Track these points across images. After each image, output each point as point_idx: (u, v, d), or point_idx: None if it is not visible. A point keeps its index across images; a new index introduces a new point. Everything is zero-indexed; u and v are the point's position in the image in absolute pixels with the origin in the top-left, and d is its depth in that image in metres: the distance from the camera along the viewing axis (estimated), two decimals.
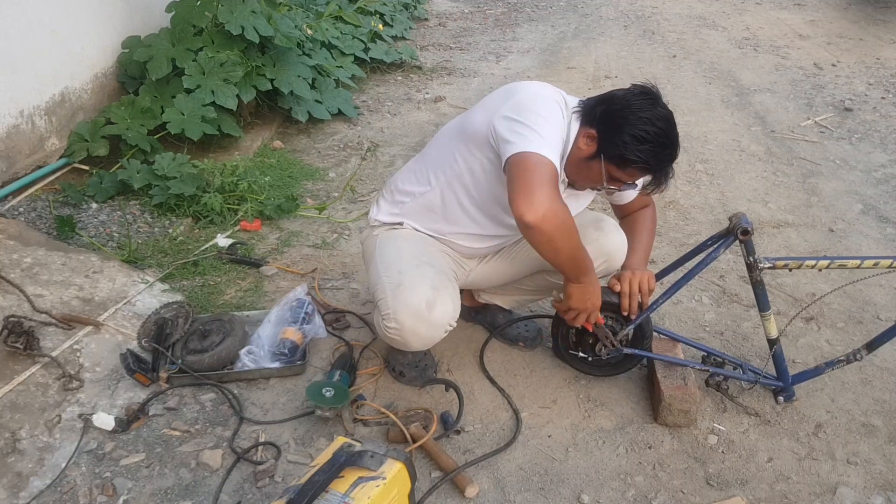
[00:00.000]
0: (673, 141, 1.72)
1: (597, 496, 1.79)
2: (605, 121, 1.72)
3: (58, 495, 1.74)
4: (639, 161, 1.70)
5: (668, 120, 1.71)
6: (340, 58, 4.70)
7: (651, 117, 1.68)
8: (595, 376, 2.18)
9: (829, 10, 7.29)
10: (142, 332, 2.21)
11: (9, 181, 2.96)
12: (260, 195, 3.12)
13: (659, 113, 1.70)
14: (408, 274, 1.82)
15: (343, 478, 1.45)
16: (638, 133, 1.67)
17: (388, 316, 1.80)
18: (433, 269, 1.87)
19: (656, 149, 1.69)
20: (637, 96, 1.72)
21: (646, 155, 1.69)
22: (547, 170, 1.59)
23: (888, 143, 4.09)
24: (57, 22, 3.13)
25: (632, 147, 1.68)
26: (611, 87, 4.47)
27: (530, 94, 1.75)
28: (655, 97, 1.74)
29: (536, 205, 1.55)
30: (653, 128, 1.67)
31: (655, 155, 1.70)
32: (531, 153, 1.59)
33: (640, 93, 1.73)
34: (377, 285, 1.88)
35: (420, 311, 1.78)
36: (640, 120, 1.67)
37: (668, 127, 1.70)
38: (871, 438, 2.01)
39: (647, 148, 1.68)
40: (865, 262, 1.83)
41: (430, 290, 1.79)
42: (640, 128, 1.67)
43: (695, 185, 3.53)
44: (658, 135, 1.68)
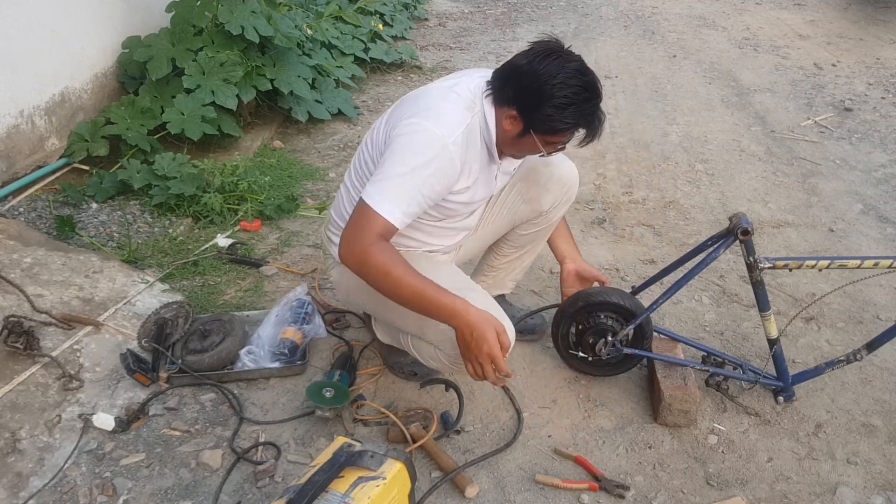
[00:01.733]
0: (593, 91, 1.66)
1: (597, 496, 1.79)
2: (521, 98, 1.67)
3: (58, 495, 1.74)
4: (569, 125, 1.68)
5: (580, 72, 1.65)
6: (340, 58, 4.70)
7: (564, 79, 1.62)
8: (595, 376, 2.18)
9: (829, 10, 7.29)
10: (142, 332, 2.21)
11: (9, 181, 2.96)
12: (260, 195, 3.12)
13: (569, 70, 1.64)
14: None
15: (343, 478, 1.45)
16: (557, 102, 1.63)
17: (458, 359, 1.69)
18: (474, 289, 1.84)
19: (580, 107, 1.65)
20: (542, 60, 1.64)
21: (573, 117, 1.66)
22: (376, 228, 1.58)
23: (888, 143, 4.09)
24: (57, 22, 3.13)
25: (556, 117, 1.65)
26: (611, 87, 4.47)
27: (409, 137, 1.64)
28: (559, 53, 1.66)
29: (354, 254, 1.59)
30: (570, 90, 1.63)
31: (581, 113, 1.66)
32: (367, 205, 1.59)
33: (544, 54, 1.65)
34: (427, 330, 1.77)
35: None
36: (555, 87, 1.62)
37: (583, 80, 1.64)
38: (871, 438, 2.01)
39: (572, 111, 1.65)
40: (865, 263, 1.83)
41: (501, 321, 1.66)
42: (558, 96, 1.62)
43: (695, 185, 3.53)
44: (577, 94, 1.63)
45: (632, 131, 4.14)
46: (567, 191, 2.10)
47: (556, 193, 2.07)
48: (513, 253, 2.24)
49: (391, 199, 1.59)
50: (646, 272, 2.73)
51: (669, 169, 3.69)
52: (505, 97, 1.70)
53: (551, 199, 2.08)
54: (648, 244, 2.98)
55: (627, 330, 2.02)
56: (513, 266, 2.28)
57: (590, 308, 2.06)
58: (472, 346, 1.60)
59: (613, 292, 2.07)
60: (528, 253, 2.26)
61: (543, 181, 2.05)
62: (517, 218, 2.12)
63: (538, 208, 2.09)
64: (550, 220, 2.14)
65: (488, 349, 1.59)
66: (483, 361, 1.61)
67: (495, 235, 2.20)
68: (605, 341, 2.03)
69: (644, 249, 2.94)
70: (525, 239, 2.19)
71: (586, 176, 3.57)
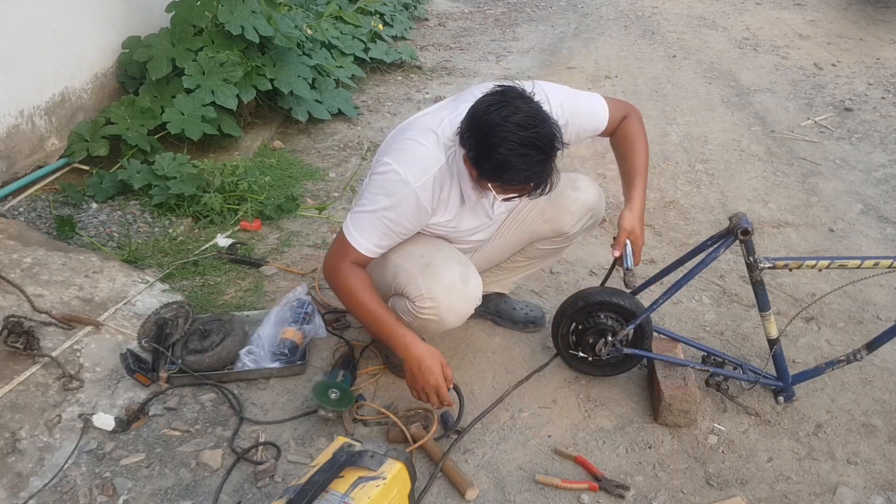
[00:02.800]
0: (539, 145, 1.56)
1: (597, 496, 1.79)
2: (471, 144, 1.63)
3: (58, 495, 1.74)
4: (507, 181, 1.62)
5: (523, 126, 1.55)
6: (340, 58, 4.70)
7: (505, 134, 1.54)
8: (595, 376, 2.18)
9: (829, 9, 7.29)
10: (142, 332, 2.21)
11: (9, 181, 2.96)
12: (260, 195, 3.12)
13: (511, 124, 1.54)
14: (434, 256, 1.86)
15: (343, 478, 1.45)
16: (496, 159, 1.57)
17: (422, 296, 1.80)
18: (453, 250, 1.93)
19: (519, 164, 1.57)
20: (490, 108, 1.57)
21: (512, 174, 1.59)
22: (345, 251, 1.78)
23: (888, 143, 4.09)
24: (57, 22, 3.13)
25: (499, 174, 1.61)
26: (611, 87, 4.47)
27: (382, 180, 1.74)
28: (508, 102, 1.57)
29: (331, 273, 1.82)
30: (506, 146, 1.55)
31: (520, 170, 1.58)
32: (350, 235, 1.77)
33: (494, 102, 1.59)
34: (399, 274, 1.87)
35: (455, 285, 1.81)
36: (494, 141, 1.56)
37: (523, 136, 1.54)
38: (871, 438, 2.01)
39: (511, 168, 1.58)
40: (865, 263, 1.83)
41: (460, 266, 1.85)
42: (496, 151, 1.56)
43: (695, 185, 3.53)
44: (514, 149, 1.55)
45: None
46: (591, 216, 2.10)
47: (579, 217, 2.07)
48: (524, 262, 2.26)
49: (363, 233, 1.77)
50: (646, 272, 2.72)
51: (669, 169, 3.69)
52: (463, 139, 1.67)
53: (572, 222, 2.08)
54: (648, 244, 2.98)
55: (627, 330, 2.02)
56: (519, 272, 2.31)
57: (590, 308, 2.06)
58: (418, 378, 1.80)
59: (613, 292, 2.07)
60: (538, 264, 2.29)
61: (567, 204, 2.05)
62: (535, 235, 2.13)
63: (558, 229, 2.10)
64: (570, 240, 2.16)
65: (434, 381, 1.79)
66: (429, 392, 1.81)
67: (512, 249, 2.20)
68: (605, 341, 2.03)
69: (644, 249, 2.92)
70: (540, 253, 2.21)
71: (587, 173, 3.57)
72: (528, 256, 2.23)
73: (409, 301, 1.85)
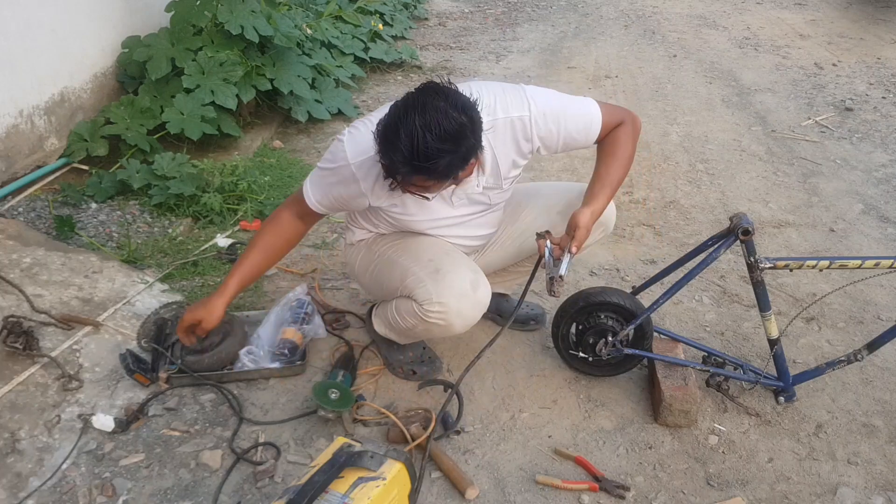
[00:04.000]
0: (388, 147, 1.55)
1: (597, 497, 1.79)
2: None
3: (57, 496, 1.74)
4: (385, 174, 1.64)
5: (388, 126, 1.56)
6: (340, 57, 4.69)
7: (382, 129, 1.57)
8: (595, 376, 2.17)
9: (830, 9, 7.29)
10: (141, 332, 2.21)
11: (8, 181, 2.95)
12: (260, 195, 3.12)
13: (387, 121, 1.57)
14: (443, 261, 1.86)
15: (343, 478, 1.45)
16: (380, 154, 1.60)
17: (431, 300, 1.81)
18: (461, 255, 1.93)
19: (386, 166, 1.60)
20: (396, 107, 1.58)
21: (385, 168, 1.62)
22: (296, 196, 1.91)
23: (889, 143, 4.09)
24: (56, 21, 3.13)
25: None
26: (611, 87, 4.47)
27: (336, 140, 1.81)
28: (401, 104, 1.57)
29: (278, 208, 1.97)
30: (378, 144, 1.59)
31: (389, 171, 1.61)
32: (305, 183, 1.88)
33: (401, 101, 1.59)
34: (407, 277, 1.87)
35: (465, 292, 1.82)
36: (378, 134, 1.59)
37: (386, 133, 1.56)
38: (872, 439, 2.00)
39: (384, 163, 1.60)
40: (866, 263, 1.83)
41: (470, 272, 1.86)
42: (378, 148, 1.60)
43: (695, 185, 3.53)
44: (381, 149, 1.58)
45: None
46: (602, 231, 2.08)
47: (596, 231, 2.01)
48: (529, 268, 2.20)
49: (312, 184, 1.86)
50: (646, 272, 2.72)
51: (670, 169, 3.69)
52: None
53: None
54: (649, 244, 2.98)
55: (628, 330, 2.02)
56: (524, 276, 2.26)
57: (590, 308, 2.06)
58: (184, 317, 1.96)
59: (613, 292, 2.06)
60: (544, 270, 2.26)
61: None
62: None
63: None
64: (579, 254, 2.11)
65: (183, 321, 1.95)
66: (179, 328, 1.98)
67: (519, 257, 2.18)
68: (606, 341, 2.02)
69: (644, 249, 2.94)
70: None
71: (587, 176, 3.56)
72: (535, 262, 2.20)
73: (416, 304, 1.85)
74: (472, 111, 1.59)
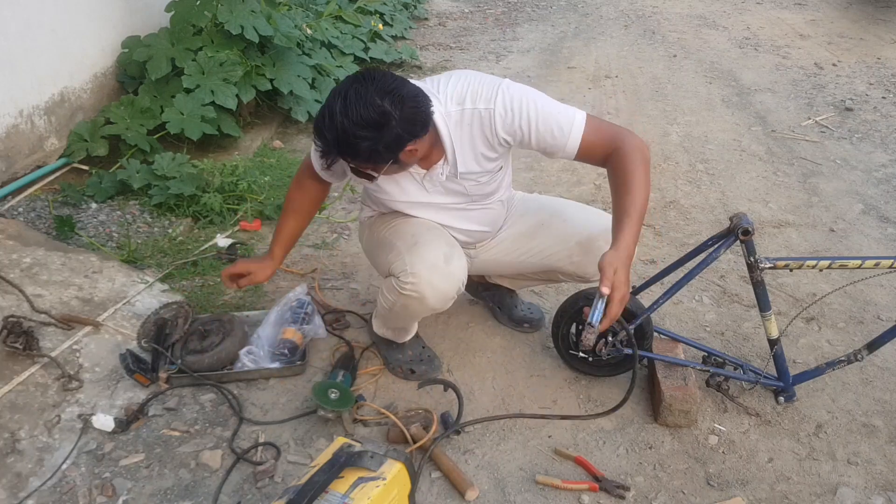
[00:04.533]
0: (321, 124, 1.63)
1: (597, 497, 1.79)
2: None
3: (57, 496, 1.74)
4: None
5: (320, 110, 1.65)
6: (340, 57, 4.69)
7: (318, 113, 1.67)
8: (595, 376, 2.17)
9: (830, 9, 7.29)
10: (141, 332, 2.21)
11: (8, 181, 2.95)
12: (260, 195, 3.12)
13: (322, 105, 1.66)
14: (423, 235, 1.89)
15: (343, 478, 1.45)
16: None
17: (405, 272, 1.82)
18: (443, 233, 1.95)
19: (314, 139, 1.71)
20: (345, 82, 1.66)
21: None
22: (307, 161, 2.04)
23: (889, 143, 4.09)
24: (56, 22, 3.13)
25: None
26: (611, 87, 4.47)
27: None
28: (333, 90, 1.65)
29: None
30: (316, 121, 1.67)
31: (316, 142, 1.70)
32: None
33: (350, 79, 1.66)
34: (391, 252, 1.90)
35: (437, 264, 1.82)
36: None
37: (317, 117, 1.65)
38: (872, 439, 2.00)
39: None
40: (866, 263, 1.83)
41: (445, 246, 1.87)
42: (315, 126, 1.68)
43: (695, 185, 3.53)
44: (314, 125, 1.68)
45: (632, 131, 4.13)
46: None
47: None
48: (541, 279, 2.26)
49: (313, 152, 1.95)
50: (646, 272, 2.72)
51: (670, 169, 3.69)
52: None
53: (595, 271, 1.92)
54: (649, 244, 2.98)
55: (628, 330, 2.02)
56: (535, 285, 2.34)
57: None
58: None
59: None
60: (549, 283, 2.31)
61: (596, 253, 1.88)
62: (558, 269, 2.09)
63: (581, 274, 2.07)
64: (590, 283, 2.12)
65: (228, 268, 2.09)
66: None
67: (530, 269, 2.16)
68: (606, 341, 2.02)
69: (644, 249, 2.94)
70: (559, 279, 2.20)
71: (587, 176, 3.57)
72: (548, 279, 2.24)
73: (394, 278, 1.86)
74: (404, 101, 1.61)
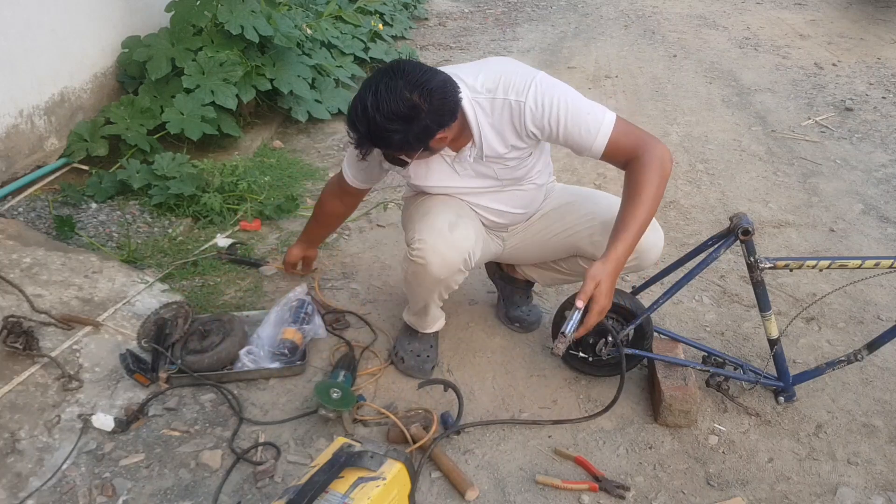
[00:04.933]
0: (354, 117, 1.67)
1: (597, 497, 1.79)
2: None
3: (57, 496, 1.74)
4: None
5: (352, 103, 1.68)
6: (340, 57, 4.69)
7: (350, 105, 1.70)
8: (595, 376, 2.17)
9: (830, 9, 7.29)
10: (141, 332, 2.21)
11: (8, 181, 2.95)
12: (260, 195, 3.12)
13: (353, 99, 1.69)
14: (435, 206, 1.94)
15: (343, 478, 1.45)
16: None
17: (414, 238, 1.88)
18: (458, 205, 1.98)
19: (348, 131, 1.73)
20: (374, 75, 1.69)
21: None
22: (338, 173, 2.17)
23: (889, 143, 4.09)
24: (56, 22, 3.12)
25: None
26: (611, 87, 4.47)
27: None
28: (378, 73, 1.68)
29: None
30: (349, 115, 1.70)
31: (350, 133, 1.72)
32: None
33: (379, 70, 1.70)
34: (408, 224, 2.02)
35: (442, 230, 1.86)
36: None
37: (349, 110, 1.69)
38: (872, 439, 2.00)
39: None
40: (866, 263, 1.83)
41: (453, 216, 1.91)
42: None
43: (695, 185, 3.53)
44: (347, 118, 1.72)
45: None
46: (635, 258, 1.96)
47: (630, 260, 1.88)
48: (566, 272, 2.20)
49: (346, 162, 2.10)
50: (646, 272, 2.72)
51: None
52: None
53: None
54: None
55: (628, 330, 2.02)
56: (560, 277, 2.27)
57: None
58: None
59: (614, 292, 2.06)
60: (577, 278, 2.21)
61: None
62: (579, 250, 2.07)
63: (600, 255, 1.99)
64: None
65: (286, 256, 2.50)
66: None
67: (553, 252, 2.14)
68: (606, 341, 2.02)
69: None
70: (580, 270, 2.11)
71: (587, 175, 3.58)
72: (571, 269, 2.17)
73: (406, 246, 1.92)
74: (433, 93, 1.63)
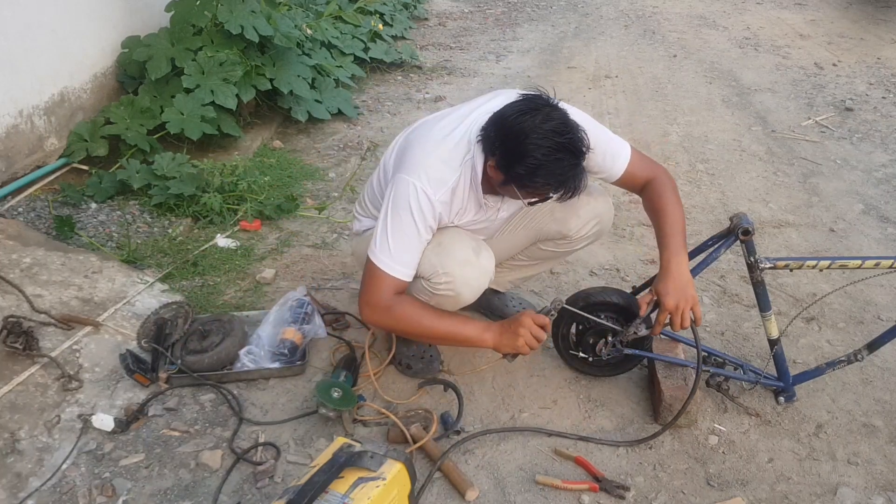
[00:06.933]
0: (566, 151, 1.64)
1: (597, 497, 1.79)
2: (500, 151, 1.70)
3: (57, 496, 1.74)
4: (538, 185, 1.68)
5: (556, 132, 1.63)
6: (340, 57, 4.69)
7: (537, 140, 1.62)
8: (595, 376, 2.17)
9: (830, 9, 7.29)
10: (141, 332, 2.21)
11: (8, 181, 2.95)
12: (259, 195, 3.12)
13: (545, 129, 1.62)
14: (444, 234, 1.87)
15: (343, 478, 1.45)
16: (529, 163, 1.63)
17: (437, 273, 1.82)
18: (463, 232, 1.94)
19: (551, 168, 1.64)
20: (522, 116, 1.65)
21: (543, 178, 1.66)
22: (382, 283, 1.79)
23: (889, 143, 4.09)
24: (56, 22, 3.12)
25: (528, 176, 1.66)
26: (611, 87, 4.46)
27: (400, 195, 1.76)
28: (540, 109, 1.66)
29: (369, 310, 1.83)
30: (541, 151, 1.62)
31: (552, 174, 1.65)
32: (376, 267, 1.78)
33: (525, 109, 1.66)
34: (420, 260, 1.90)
35: (469, 259, 1.84)
36: (528, 146, 1.62)
37: (556, 141, 1.62)
38: (872, 439, 2.00)
39: (543, 172, 1.64)
40: (866, 263, 1.83)
41: (472, 241, 1.90)
42: (530, 156, 1.63)
43: (695, 185, 3.53)
44: (547, 155, 1.62)
45: (632, 131, 4.13)
46: (598, 224, 2.09)
47: (586, 221, 2.07)
48: (524, 262, 2.26)
49: (395, 257, 1.77)
50: (646, 272, 2.72)
51: (670, 169, 3.67)
52: (490, 146, 1.74)
53: (579, 225, 2.07)
54: (648, 244, 2.98)
55: (628, 330, 2.02)
56: (518, 272, 2.31)
57: (590, 308, 2.06)
58: (512, 340, 1.83)
59: (613, 292, 2.06)
60: (538, 266, 2.30)
61: (578, 206, 2.02)
62: (541, 234, 2.12)
63: (564, 231, 2.08)
64: (573, 246, 2.15)
65: (526, 336, 1.82)
66: (527, 344, 1.83)
67: (517, 246, 2.18)
68: (606, 342, 2.02)
69: (644, 249, 2.94)
70: (542, 254, 2.20)
71: None
72: (530, 256, 2.23)
73: (424, 280, 1.86)
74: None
